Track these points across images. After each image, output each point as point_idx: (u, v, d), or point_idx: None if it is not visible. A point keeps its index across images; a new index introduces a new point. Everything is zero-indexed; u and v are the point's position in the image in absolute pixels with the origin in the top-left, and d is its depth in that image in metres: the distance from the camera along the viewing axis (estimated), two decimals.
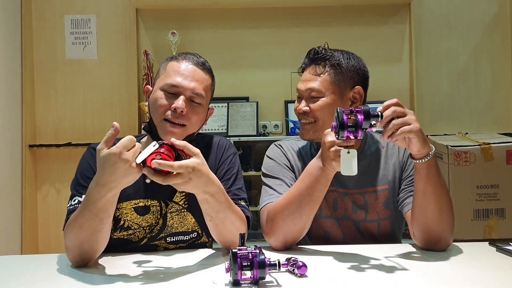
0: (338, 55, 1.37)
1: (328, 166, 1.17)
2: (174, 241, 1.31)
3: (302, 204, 1.21)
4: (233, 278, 0.95)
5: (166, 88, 1.26)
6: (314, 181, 1.21)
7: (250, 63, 3.17)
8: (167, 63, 1.32)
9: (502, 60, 3.15)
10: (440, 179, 1.16)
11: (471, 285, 0.96)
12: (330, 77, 1.35)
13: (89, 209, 1.07)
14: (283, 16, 3.17)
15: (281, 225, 1.24)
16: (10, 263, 1.24)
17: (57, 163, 3.10)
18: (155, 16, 3.15)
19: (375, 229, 1.38)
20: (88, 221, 1.07)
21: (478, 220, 2.40)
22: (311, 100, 1.35)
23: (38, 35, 3.11)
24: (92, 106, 3.13)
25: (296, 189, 1.24)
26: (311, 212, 1.23)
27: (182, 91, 1.25)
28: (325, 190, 1.22)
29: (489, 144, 2.41)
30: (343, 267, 1.09)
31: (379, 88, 3.11)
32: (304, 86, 1.37)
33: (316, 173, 1.20)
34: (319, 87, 1.34)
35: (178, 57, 1.32)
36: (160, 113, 1.25)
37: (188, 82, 1.26)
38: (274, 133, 3.12)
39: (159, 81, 1.29)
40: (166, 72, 1.29)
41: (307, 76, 1.38)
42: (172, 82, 1.25)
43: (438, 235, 1.19)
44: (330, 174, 1.20)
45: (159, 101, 1.25)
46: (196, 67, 1.29)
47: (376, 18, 3.17)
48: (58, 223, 2.97)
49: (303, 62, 1.43)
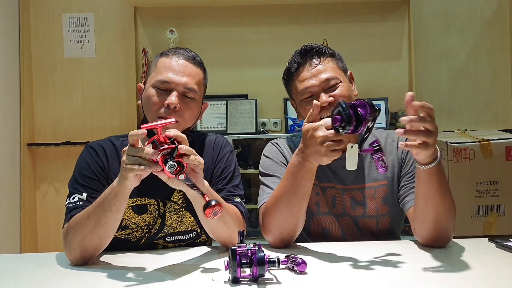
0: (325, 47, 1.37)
1: (313, 161, 1.13)
2: (173, 241, 1.31)
3: (291, 202, 1.20)
4: (232, 275, 0.95)
5: (158, 84, 1.24)
6: (298, 178, 1.18)
7: (249, 60, 3.17)
8: (157, 60, 1.30)
9: (501, 57, 3.15)
10: (442, 184, 1.13)
11: (471, 281, 0.96)
12: (335, 64, 1.35)
13: (99, 200, 1.09)
14: (281, 13, 3.16)
15: (274, 224, 1.23)
16: (9, 262, 1.23)
17: (55, 161, 3.09)
18: (153, 14, 3.15)
19: (373, 225, 1.37)
20: (95, 210, 1.09)
21: (478, 216, 2.41)
22: (329, 90, 1.31)
23: (36, 33, 3.11)
24: (90, 104, 3.12)
25: (282, 188, 1.22)
26: (301, 208, 1.22)
27: (174, 86, 1.24)
28: (311, 184, 1.20)
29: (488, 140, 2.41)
30: (343, 264, 1.09)
31: (378, 85, 3.12)
32: (317, 80, 1.31)
33: (299, 170, 1.17)
34: (334, 74, 1.32)
35: (168, 53, 1.30)
36: (153, 111, 1.24)
37: (179, 77, 1.24)
38: (273, 131, 3.11)
39: (150, 79, 1.28)
40: (157, 69, 1.27)
41: (313, 71, 1.33)
42: (163, 79, 1.24)
43: (440, 234, 1.19)
44: (314, 168, 1.17)
45: (152, 99, 1.24)
46: (187, 62, 1.28)
47: (375, 15, 3.16)
48: (57, 222, 2.97)
49: (295, 62, 1.38)
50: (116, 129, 3.08)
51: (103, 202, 1.07)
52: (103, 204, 1.07)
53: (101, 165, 1.26)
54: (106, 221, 1.08)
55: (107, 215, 1.08)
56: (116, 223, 1.11)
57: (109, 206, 1.07)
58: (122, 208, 1.09)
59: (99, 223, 1.08)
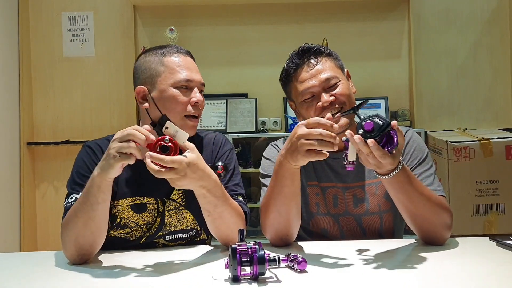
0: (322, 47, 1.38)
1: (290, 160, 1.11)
2: (173, 239, 1.30)
3: (277, 202, 1.20)
4: (232, 274, 0.94)
5: (183, 84, 1.25)
6: (280, 178, 1.17)
7: (249, 59, 3.16)
8: (160, 60, 1.27)
9: (501, 55, 3.14)
10: (409, 186, 1.13)
11: (473, 279, 0.96)
12: (333, 63, 1.35)
13: (83, 194, 1.09)
14: (281, 12, 3.15)
15: (268, 224, 1.24)
16: (9, 261, 1.23)
17: (55, 161, 3.09)
18: (153, 13, 3.14)
19: (377, 223, 1.37)
20: (82, 206, 1.09)
21: (478, 215, 2.41)
22: (329, 90, 1.31)
23: (35, 32, 3.10)
24: (90, 104, 3.12)
25: (269, 188, 1.23)
26: (288, 208, 1.20)
27: (195, 84, 1.27)
28: (294, 184, 1.18)
29: (488, 139, 2.41)
30: (343, 262, 1.09)
31: (378, 84, 3.11)
32: (317, 80, 1.31)
33: (280, 169, 1.16)
34: (334, 73, 1.32)
35: (171, 51, 1.29)
36: (181, 110, 1.24)
37: (195, 74, 1.29)
38: (273, 130, 3.11)
39: (165, 79, 1.24)
40: (168, 68, 1.26)
41: (312, 71, 1.32)
42: (186, 77, 1.26)
43: (430, 232, 1.20)
44: (293, 168, 1.14)
45: (179, 99, 1.24)
46: (190, 58, 1.32)
47: (375, 14, 3.16)
48: (56, 221, 2.95)
49: (292, 63, 1.37)
50: (115, 128, 3.05)
51: (88, 197, 1.08)
52: (88, 198, 1.08)
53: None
54: (95, 214, 1.09)
55: (94, 207, 1.08)
56: (105, 214, 1.12)
57: (95, 199, 1.07)
58: (108, 198, 1.10)
59: (89, 218, 1.09)
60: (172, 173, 1.02)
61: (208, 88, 1.38)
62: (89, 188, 1.08)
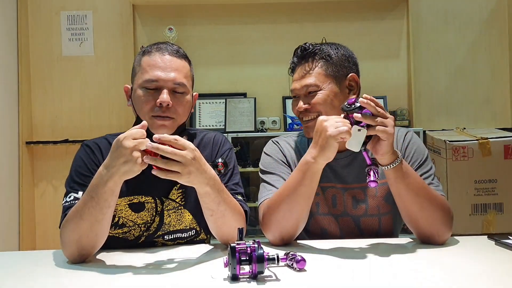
0: (326, 47, 1.37)
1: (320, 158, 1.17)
2: (172, 239, 1.30)
3: (291, 200, 1.21)
4: (231, 272, 0.94)
5: (146, 85, 1.22)
6: (300, 175, 1.20)
7: (248, 59, 3.16)
8: (140, 58, 1.26)
9: (500, 55, 3.15)
10: (410, 179, 1.18)
11: (472, 278, 0.96)
12: (323, 69, 1.34)
13: (91, 196, 1.06)
14: (280, 11, 3.16)
15: (274, 222, 1.23)
16: (8, 260, 1.23)
17: (54, 160, 3.08)
18: (152, 12, 3.14)
19: (375, 225, 1.37)
20: (89, 210, 1.06)
21: (476, 214, 2.41)
22: (309, 96, 1.34)
23: (34, 31, 3.10)
24: (89, 103, 3.12)
25: (285, 186, 1.24)
26: (301, 208, 1.22)
27: (163, 84, 1.21)
28: (312, 185, 1.21)
29: (487, 139, 2.41)
30: (342, 262, 1.09)
31: (377, 84, 3.11)
32: (299, 85, 1.35)
33: (302, 167, 1.20)
34: (315, 82, 1.33)
35: (151, 50, 1.26)
36: (146, 111, 1.22)
37: (167, 73, 1.21)
38: (272, 129, 3.11)
39: (137, 79, 1.25)
40: (141, 68, 1.24)
41: (300, 74, 1.36)
42: (151, 77, 1.21)
43: (428, 230, 1.21)
44: (315, 167, 1.19)
45: (142, 99, 1.22)
46: (172, 56, 1.24)
47: (373, 14, 3.16)
48: (55, 220, 2.94)
49: (291, 62, 1.41)
50: (114, 127, 3.07)
51: (98, 201, 1.05)
52: (98, 202, 1.05)
53: (97, 163, 1.24)
54: (103, 217, 1.08)
55: (104, 211, 1.07)
56: (111, 217, 1.12)
57: (107, 203, 1.06)
58: (116, 201, 1.10)
59: (96, 221, 1.07)
60: (179, 166, 1.01)
61: (207, 87, 1.38)
62: (99, 192, 1.05)
